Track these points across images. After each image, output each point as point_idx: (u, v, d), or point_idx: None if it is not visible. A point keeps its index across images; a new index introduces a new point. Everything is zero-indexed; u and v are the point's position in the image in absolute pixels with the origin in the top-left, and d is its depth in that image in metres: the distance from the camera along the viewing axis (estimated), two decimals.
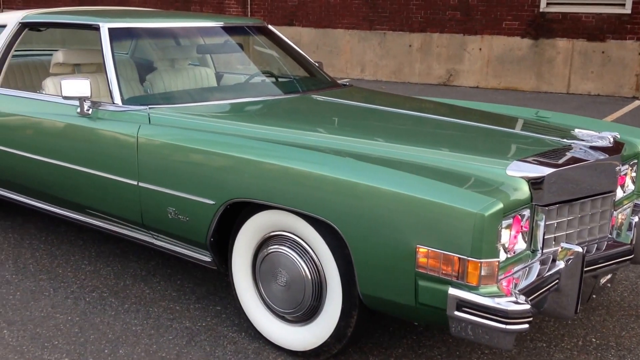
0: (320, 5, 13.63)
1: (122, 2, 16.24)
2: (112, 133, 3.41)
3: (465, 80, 12.17)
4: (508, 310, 2.35)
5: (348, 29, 13.35)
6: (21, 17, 4.15)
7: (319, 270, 2.87)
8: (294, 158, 2.84)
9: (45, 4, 17.46)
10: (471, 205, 2.38)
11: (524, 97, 10.97)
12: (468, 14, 11.91)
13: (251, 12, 14.55)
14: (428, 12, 12.31)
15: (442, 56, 12.32)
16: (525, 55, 11.57)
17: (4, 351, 3.05)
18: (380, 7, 12.87)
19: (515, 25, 11.53)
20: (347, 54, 13.42)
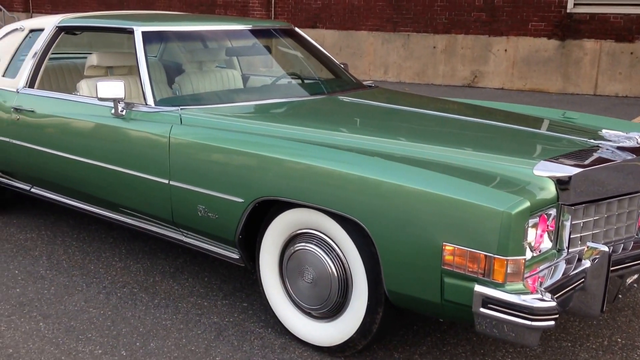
0: (344, 7, 13.70)
1: (147, 6, 16.46)
2: (145, 133, 3.50)
3: (490, 81, 12.16)
4: (534, 307, 2.39)
5: (372, 30, 13.41)
6: (58, 21, 4.27)
7: (345, 267, 2.93)
8: (322, 157, 2.90)
9: (73, 8, 17.75)
10: (498, 203, 2.43)
11: (550, 98, 10.94)
12: (493, 15, 11.90)
13: (275, 14, 14.66)
14: (453, 14, 12.32)
15: (467, 57, 12.32)
16: (552, 56, 11.54)
17: (40, 343, 3.15)
18: (404, 9, 12.91)
19: (542, 26, 11.51)
20: (371, 56, 13.47)
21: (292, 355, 3.10)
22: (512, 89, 11.95)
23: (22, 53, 4.40)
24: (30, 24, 4.48)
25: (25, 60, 4.29)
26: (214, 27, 4.25)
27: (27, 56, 4.31)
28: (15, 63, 4.39)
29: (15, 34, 4.50)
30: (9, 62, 4.41)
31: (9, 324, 3.33)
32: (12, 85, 4.28)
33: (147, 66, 3.70)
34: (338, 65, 4.78)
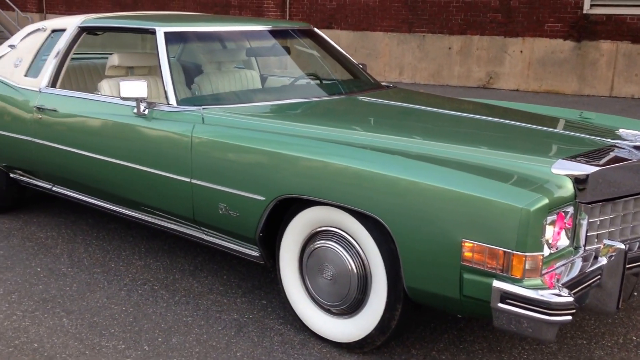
0: (359, 8, 13.77)
1: (161, 7, 16.61)
2: (167, 132, 3.59)
3: (506, 83, 12.20)
4: (551, 302, 2.45)
5: (387, 31, 13.48)
6: (80, 21, 4.37)
7: (365, 264, 3.00)
8: (342, 155, 2.98)
9: (86, 8, 17.93)
10: (517, 200, 2.49)
11: (566, 100, 10.97)
12: (509, 16, 11.94)
13: (290, 15, 14.76)
14: (468, 15, 12.37)
15: (482, 59, 12.36)
16: (568, 57, 11.57)
17: (64, 338, 3.24)
18: (419, 10, 12.97)
19: (558, 27, 11.53)
20: (386, 57, 13.54)
21: (311, 351, 3.17)
22: (527, 91, 11.98)
23: (44, 53, 4.51)
24: (52, 24, 4.59)
25: (48, 60, 4.40)
26: (234, 28, 4.34)
27: (49, 56, 4.41)
28: (37, 63, 4.50)
29: (37, 34, 4.60)
30: (31, 62, 4.52)
31: (33, 320, 3.42)
32: (35, 84, 4.38)
33: (170, 66, 3.79)
34: (356, 65, 4.86)
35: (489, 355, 3.16)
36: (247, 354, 3.13)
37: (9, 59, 4.67)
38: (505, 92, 11.96)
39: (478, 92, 11.80)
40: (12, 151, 4.50)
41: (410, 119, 3.73)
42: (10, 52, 4.70)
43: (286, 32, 4.72)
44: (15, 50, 4.68)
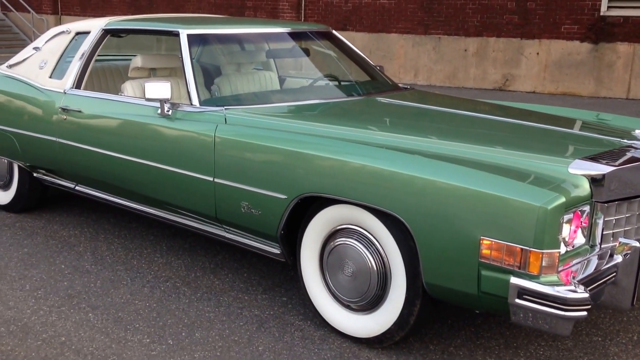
0: (374, 9, 13.89)
1: (176, 9, 16.79)
2: (190, 132, 3.71)
3: (522, 85, 12.26)
4: (567, 298, 2.55)
5: (402, 33, 13.58)
6: (104, 24, 4.50)
7: (384, 261, 3.11)
8: (362, 155, 3.09)
9: (101, 10, 18.16)
10: (535, 199, 2.59)
11: (582, 102, 11.02)
12: (526, 18, 12.01)
13: (305, 17, 14.89)
14: (484, 17, 12.45)
15: (498, 61, 12.43)
16: (584, 59, 11.62)
17: (90, 332, 3.37)
18: (435, 12, 13.06)
19: (575, 29, 11.59)
20: (401, 59, 13.63)
21: (331, 346, 3.28)
22: (543, 93, 12.04)
23: (68, 55, 4.64)
24: (76, 26, 4.72)
25: (72, 62, 4.53)
26: (255, 30, 4.47)
27: (73, 58, 4.54)
28: (62, 65, 4.63)
29: (62, 37, 4.74)
30: (55, 63, 4.65)
31: (59, 315, 3.55)
32: (59, 86, 4.52)
33: (193, 68, 3.91)
34: (374, 67, 4.96)
35: (506, 351, 3.26)
36: (269, 349, 3.24)
37: (33, 61, 4.81)
38: (521, 94, 12.03)
39: (494, 94, 11.87)
40: (36, 151, 4.64)
41: (427, 120, 3.83)
42: (35, 54, 4.84)
43: (305, 34, 4.83)
44: (40, 52, 4.82)
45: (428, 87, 12.88)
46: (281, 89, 4.89)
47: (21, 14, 19.11)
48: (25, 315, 3.53)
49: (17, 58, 4.99)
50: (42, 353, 3.16)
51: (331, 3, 14.52)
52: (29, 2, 19.20)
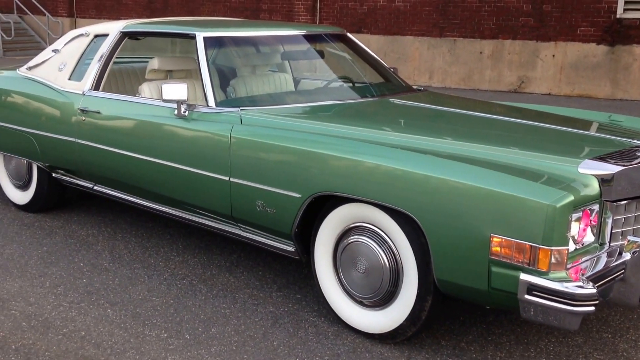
0: (389, 12, 13.98)
1: (191, 12, 16.97)
2: (207, 133, 3.83)
3: (538, 87, 12.31)
4: (575, 294, 2.63)
5: (417, 35, 13.66)
6: (122, 26, 4.63)
7: (396, 258, 3.20)
8: (375, 155, 3.19)
9: (117, 13, 18.37)
10: (544, 197, 2.68)
11: (599, 104, 11.05)
12: (542, 20, 12.06)
13: (320, 19, 15.02)
14: (500, 19, 12.51)
15: (514, 63, 12.49)
16: (601, 62, 11.65)
17: (109, 327, 3.48)
18: (451, 14, 13.14)
19: (591, 31, 11.63)
20: (416, 61, 13.71)
21: (344, 341, 3.37)
22: (559, 95, 12.08)
23: (87, 57, 4.77)
24: (95, 29, 4.85)
25: (91, 64, 4.66)
26: (270, 33, 4.58)
27: (92, 60, 4.67)
28: (81, 67, 4.76)
29: (81, 39, 4.87)
30: (74, 66, 4.78)
31: (79, 310, 3.67)
32: (78, 88, 4.65)
33: (209, 69, 4.02)
34: (388, 69, 5.06)
35: (516, 346, 3.34)
36: (283, 344, 3.34)
37: (53, 63, 4.94)
38: (537, 96, 12.08)
39: (510, 96, 11.92)
40: (55, 152, 4.77)
41: (440, 121, 3.92)
42: (54, 57, 4.97)
43: (320, 37, 4.94)
44: (59, 54, 4.95)
45: (443, 89, 12.95)
46: (296, 90, 4.99)
47: (37, 17, 19.38)
48: (45, 310, 3.65)
49: (37, 60, 5.13)
50: (63, 347, 3.28)
51: (346, 6, 14.63)
52: (44, 5, 19.46)
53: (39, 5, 19.23)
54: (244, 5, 16.18)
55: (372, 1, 14.19)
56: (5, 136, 5.12)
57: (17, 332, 3.41)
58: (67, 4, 19.91)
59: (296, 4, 15.36)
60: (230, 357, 3.22)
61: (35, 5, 19.31)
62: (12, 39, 18.41)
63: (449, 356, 3.26)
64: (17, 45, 18.63)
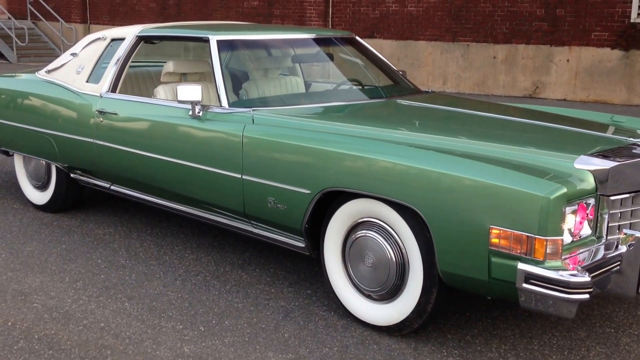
0: (402, 17, 14.20)
1: (204, 17, 17.27)
2: (220, 132, 4.05)
3: (552, 92, 12.47)
4: (570, 282, 2.82)
5: (430, 40, 13.86)
6: (138, 31, 4.87)
7: (402, 252, 3.40)
8: (382, 152, 3.39)
9: (130, 19, 18.72)
10: (538, 189, 2.87)
11: (614, 109, 11.19)
12: (555, 24, 12.23)
13: (332, 24, 15.26)
14: (513, 24, 12.69)
15: (528, 68, 12.66)
16: (616, 67, 11.80)
17: (127, 319, 3.70)
18: (463, 19, 13.33)
19: (605, 36, 11.79)
20: (429, 66, 13.91)
21: (353, 333, 3.57)
22: (574, 100, 12.23)
23: (104, 61, 5.01)
24: (112, 33, 5.10)
25: (108, 67, 4.90)
26: (282, 36, 4.81)
27: (109, 63, 4.91)
28: (98, 70, 5.00)
29: (98, 43, 5.11)
30: (92, 69, 5.02)
31: (98, 304, 3.89)
32: (96, 90, 4.89)
33: (222, 71, 4.25)
34: (397, 72, 5.27)
35: (520, 340, 3.52)
36: (294, 335, 3.54)
37: (71, 66, 5.19)
38: (552, 101, 12.24)
39: (524, 101, 12.08)
40: (73, 152, 5.01)
41: (444, 120, 4.13)
42: (73, 60, 5.22)
43: (329, 40, 5.17)
44: (77, 58, 5.20)
45: (457, 94, 13.14)
46: (307, 92, 5.20)
47: (50, 23, 19.77)
48: (66, 304, 3.87)
49: (55, 64, 5.38)
50: (84, 337, 3.50)
51: (358, 11, 14.87)
52: (58, 12, 19.85)
53: (52, 11, 19.63)
54: (257, 10, 16.46)
55: (384, 6, 14.42)
56: (24, 138, 5.37)
57: (39, 323, 3.63)
58: (81, 10, 20.30)
59: (308, 9, 15.62)
60: (243, 347, 3.42)
61: (49, 12, 19.70)
62: (26, 45, 18.80)
63: (455, 348, 3.45)
64: (31, 52, 19.01)
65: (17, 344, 3.43)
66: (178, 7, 17.99)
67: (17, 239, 4.91)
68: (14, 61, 18.49)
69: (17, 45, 18.62)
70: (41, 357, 3.31)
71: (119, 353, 3.34)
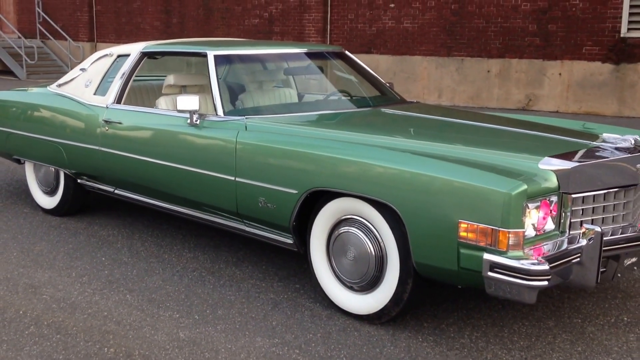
0: (398, 33, 14.50)
1: (207, 34, 17.61)
2: (215, 139, 4.32)
3: (545, 105, 12.73)
4: (530, 270, 3.07)
5: (426, 55, 14.15)
6: (142, 47, 5.17)
7: (381, 246, 3.66)
8: (362, 154, 3.66)
9: (135, 37, 19.06)
10: (501, 186, 3.13)
11: (604, 121, 11.42)
12: (547, 39, 12.51)
13: (330, 40, 15.57)
14: (506, 38, 12.98)
15: (521, 81, 12.93)
16: (607, 80, 12.06)
17: (129, 309, 3.96)
18: (458, 34, 13.63)
19: (596, 50, 12.06)
20: (424, 80, 14.20)
21: (336, 322, 3.82)
22: (567, 112, 12.49)
23: (110, 75, 5.30)
24: (118, 50, 5.40)
25: (114, 80, 5.18)
26: (275, 51, 5.09)
27: (115, 77, 5.20)
28: (105, 83, 5.28)
29: (105, 59, 5.41)
30: (99, 82, 5.31)
31: (101, 295, 4.15)
32: (102, 102, 5.17)
33: (218, 83, 4.53)
34: (384, 84, 5.54)
35: (492, 328, 3.77)
36: (281, 324, 3.79)
37: (80, 80, 5.48)
38: (544, 114, 12.47)
39: (518, 113, 12.30)
40: (81, 159, 5.28)
41: (422, 126, 4.40)
42: (82, 75, 5.52)
43: (321, 54, 5.45)
44: (85, 72, 5.50)
45: (451, 107, 13.37)
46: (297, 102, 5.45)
47: (59, 42, 20.16)
48: (72, 295, 4.13)
49: (66, 78, 5.68)
50: (88, 323, 3.76)
51: (356, 27, 15.18)
52: (66, 31, 20.23)
53: (61, 30, 20.02)
54: (257, 28, 16.78)
55: (380, 22, 14.72)
56: (36, 147, 5.65)
57: (48, 312, 3.90)
58: (88, 29, 20.66)
59: (307, 26, 15.94)
60: (234, 333, 3.67)
61: (57, 31, 20.10)
62: (35, 63, 19.17)
63: (429, 335, 3.69)
64: (40, 69, 19.36)
65: (28, 329, 3.69)
66: (181, 25, 18.34)
67: (27, 239, 5.18)
68: (23, 78, 18.84)
69: (26, 63, 18.98)
70: (50, 340, 3.58)
71: (120, 337, 3.60)
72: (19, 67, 19.22)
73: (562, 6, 12.27)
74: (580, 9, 12.07)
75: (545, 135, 4.05)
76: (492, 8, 13.12)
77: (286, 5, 16.19)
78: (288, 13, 16.26)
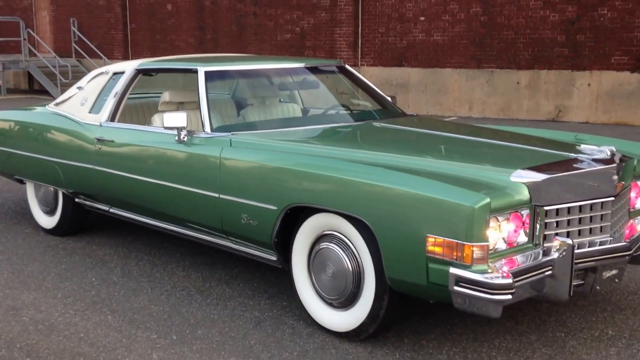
0: (428, 46, 14.53)
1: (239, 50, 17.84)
2: (201, 155, 4.41)
3: (575, 116, 12.59)
4: (493, 284, 3.07)
5: (456, 68, 14.14)
6: (137, 65, 5.31)
7: (358, 261, 3.69)
8: (336, 169, 3.70)
9: (169, 53, 19.36)
10: (465, 200, 3.15)
11: (634, 131, 11.26)
12: (576, 50, 12.40)
13: (362, 54, 15.66)
14: (535, 50, 12.90)
15: (551, 92, 12.82)
16: (636, 89, 11.88)
17: (106, 330, 4.04)
18: (487, 47, 13.59)
19: (625, 60, 11.91)
20: (455, 92, 14.17)
21: (316, 340, 3.85)
22: (596, 123, 12.34)
23: (106, 93, 5.44)
24: (114, 68, 5.54)
25: (108, 98, 5.33)
26: (267, 66, 5.18)
27: (109, 95, 5.34)
28: (100, 101, 5.42)
29: (101, 77, 5.56)
30: (94, 100, 5.45)
31: (82, 317, 4.23)
32: (96, 119, 5.31)
33: (207, 99, 4.62)
34: (385, 97, 5.57)
35: (472, 343, 3.76)
36: (260, 342, 3.84)
37: (76, 98, 5.64)
38: (574, 124, 12.35)
39: (547, 125, 12.22)
40: (77, 178, 5.43)
41: (407, 140, 4.45)
42: (78, 93, 5.67)
43: (319, 69, 5.52)
44: (82, 91, 5.65)
45: (482, 119, 13.35)
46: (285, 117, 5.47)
47: (94, 60, 20.63)
48: (53, 317, 4.24)
49: (63, 97, 5.85)
50: (62, 346, 3.85)
51: (386, 41, 15.24)
52: (101, 49, 20.71)
53: (96, 49, 20.50)
54: (289, 42, 16.96)
55: (411, 36, 14.77)
56: (34, 166, 5.82)
57: (23, 334, 4.00)
58: (123, 47, 21.10)
59: (338, 40, 16.05)
60: (209, 354, 3.73)
61: (92, 49, 20.58)
62: (69, 82, 19.65)
63: (408, 351, 3.70)
64: None
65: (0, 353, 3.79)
66: (215, 42, 18.63)
67: (21, 260, 5.33)
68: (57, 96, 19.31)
69: (61, 82, 19.47)
70: None
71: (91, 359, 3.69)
72: (53, 86, 19.71)
73: (591, 16, 12.17)
74: (609, 18, 11.95)
75: (524, 147, 4.06)
76: (521, 19, 13.07)
77: (317, 20, 16.34)
78: (319, 28, 16.41)
